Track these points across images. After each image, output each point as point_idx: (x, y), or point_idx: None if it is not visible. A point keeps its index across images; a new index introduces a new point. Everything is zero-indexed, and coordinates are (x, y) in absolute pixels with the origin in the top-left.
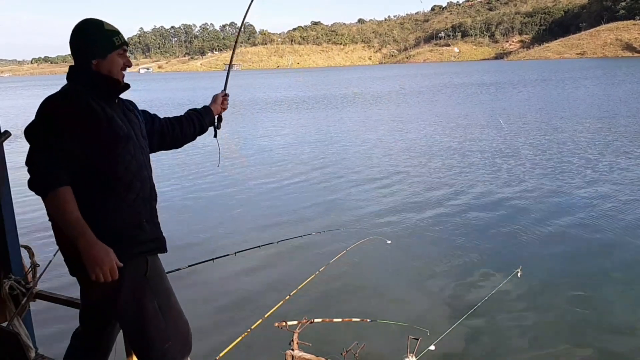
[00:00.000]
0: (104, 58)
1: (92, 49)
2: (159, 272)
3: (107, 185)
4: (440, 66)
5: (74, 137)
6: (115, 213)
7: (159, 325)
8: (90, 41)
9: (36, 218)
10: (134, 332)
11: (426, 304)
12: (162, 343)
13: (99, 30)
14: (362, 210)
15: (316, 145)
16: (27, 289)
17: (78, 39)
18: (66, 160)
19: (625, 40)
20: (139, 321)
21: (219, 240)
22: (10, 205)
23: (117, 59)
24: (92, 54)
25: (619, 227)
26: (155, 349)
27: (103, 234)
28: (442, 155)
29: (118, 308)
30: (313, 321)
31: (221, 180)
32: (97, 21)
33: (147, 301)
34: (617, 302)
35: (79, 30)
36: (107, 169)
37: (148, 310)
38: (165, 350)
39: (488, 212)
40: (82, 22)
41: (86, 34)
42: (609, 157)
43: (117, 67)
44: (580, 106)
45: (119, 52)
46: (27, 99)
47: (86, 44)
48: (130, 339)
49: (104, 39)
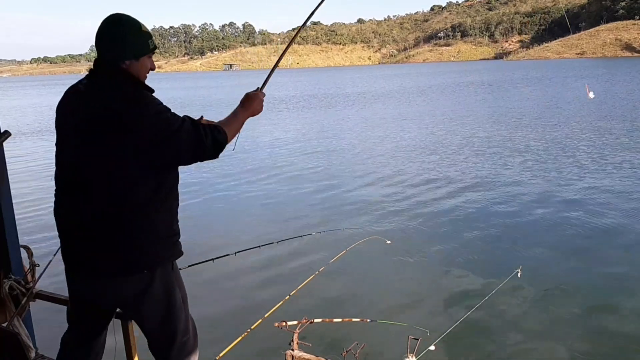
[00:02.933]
0: (137, 60)
1: (128, 49)
2: (177, 266)
3: (172, 184)
4: (439, 66)
5: None
6: (172, 213)
7: (182, 317)
8: (128, 41)
9: (36, 218)
10: (159, 326)
11: (426, 304)
12: (182, 335)
13: (138, 31)
14: (362, 210)
15: (316, 144)
16: (27, 289)
17: (114, 36)
18: None
19: (625, 40)
20: (168, 314)
21: (219, 240)
22: (10, 205)
23: (147, 62)
24: (127, 55)
25: (619, 227)
26: (177, 342)
27: (158, 231)
28: (443, 155)
29: (147, 303)
30: (313, 321)
31: (221, 180)
32: (135, 21)
33: (176, 293)
34: (617, 302)
35: (117, 27)
36: (172, 167)
37: (177, 301)
38: (183, 343)
39: (488, 212)
40: (120, 18)
41: (125, 33)
42: (610, 157)
43: (146, 70)
44: (580, 105)
45: (149, 55)
46: (26, 99)
47: (123, 43)
48: (153, 335)
49: (141, 41)
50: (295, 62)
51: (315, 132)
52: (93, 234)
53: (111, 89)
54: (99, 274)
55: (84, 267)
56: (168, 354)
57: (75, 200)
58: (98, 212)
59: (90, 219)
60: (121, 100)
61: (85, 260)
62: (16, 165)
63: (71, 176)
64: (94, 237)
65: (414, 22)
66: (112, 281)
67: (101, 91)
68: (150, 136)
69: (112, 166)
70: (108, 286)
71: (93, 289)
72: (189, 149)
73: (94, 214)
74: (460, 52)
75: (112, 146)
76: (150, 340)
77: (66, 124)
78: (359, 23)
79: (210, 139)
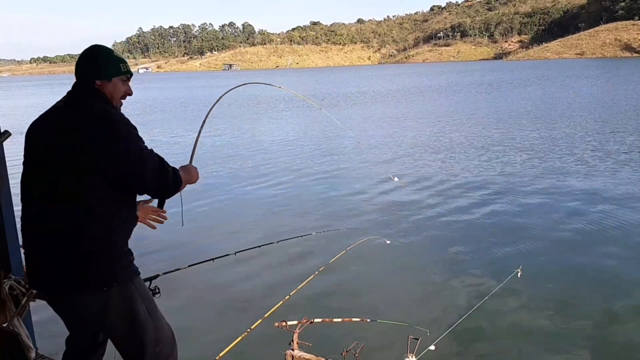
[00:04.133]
0: (109, 81)
1: (98, 70)
2: (140, 278)
3: (128, 201)
4: (439, 66)
5: None
6: (128, 227)
7: (150, 329)
8: (100, 62)
9: None
10: (126, 339)
11: (426, 304)
12: (154, 346)
13: (106, 55)
14: (362, 210)
15: (316, 144)
16: (27, 289)
17: (87, 59)
18: None
19: (624, 40)
20: (132, 327)
21: (219, 240)
22: (10, 205)
23: (120, 85)
24: (98, 75)
25: (620, 227)
26: (148, 353)
27: (115, 245)
28: (442, 154)
29: (109, 319)
30: (313, 321)
31: (221, 180)
32: (107, 48)
33: (138, 305)
34: (617, 302)
35: (87, 54)
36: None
37: (140, 315)
38: (156, 353)
39: (488, 212)
40: (91, 47)
41: (96, 55)
42: (612, 158)
43: (119, 93)
44: (578, 105)
45: (122, 78)
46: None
47: (95, 63)
48: (122, 347)
49: (112, 63)
50: (294, 62)
51: (315, 132)
52: (53, 251)
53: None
54: (58, 290)
55: (44, 283)
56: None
57: (37, 217)
58: (58, 230)
59: (50, 236)
60: (91, 119)
61: (45, 277)
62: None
63: (34, 193)
64: (54, 254)
65: (413, 22)
66: (71, 297)
67: (73, 105)
68: (116, 160)
69: (77, 186)
70: (68, 302)
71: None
72: (153, 171)
73: (54, 231)
74: (460, 52)
75: (79, 166)
76: (121, 352)
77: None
78: (359, 23)
79: (172, 174)
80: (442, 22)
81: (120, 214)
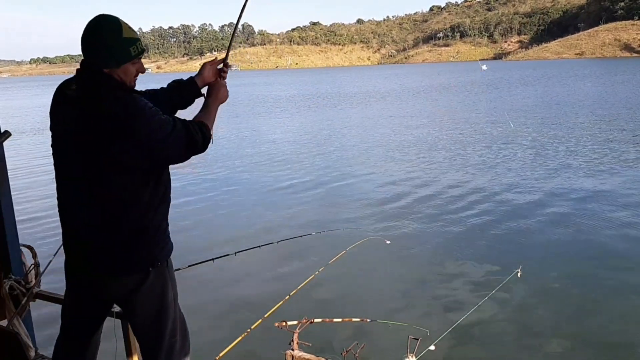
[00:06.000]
0: (118, 67)
1: (106, 57)
2: (171, 261)
3: (167, 185)
4: (439, 66)
5: None
6: (165, 213)
7: (171, 317)
8: (108, 49)
9: (36, 218)
10: (149, 322)
11: (426, 304)
12: (171, 337)
13: (116, 38)
14: (362, 210)
15: (316, 144)
16: (27, 289)
17: (92, 42)
18: None
19: (624, 40)
20: (159, 310)
21: (219, 240)
22: (10, 205)
23: (131, 68)
24: (105, 63)
25: (620, 227)
26: (164, 342)
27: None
28: (442, 155)
29: (140, 298)
30: (313, 321)
31: (221, 180)
32: (115, 25)
33: (169, 290)
34: (617, 302)
35: (94, 33)
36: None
37: (168, 300)
38: (171, 345)
39: (488, 212)
40: (99, 22)
41: (102, 40)
42: (614, 157)
43: (130, 76)
44: (580, 104)
45: (134, 61)
46: (26, 99)
47: (103, 50)
48: (141, 332)
49: (120, 49)
50: (294, 63)
51: (316, 132)
52: (94, 235)
53: (102, 94)
54: (99, 272)
55: (85, 265)
56: (156, 354)
57: (77, 203)
58: (98, 214)
59: (91, 220)
60: (115, 105)
61: (87, 260)
62: (16, 165)
63: (73, 181)
64: (95, 239)
65: (413, 22)
66: (110, 279)
67: (92, 98)
68: (147, 139)
69: (112, 170)
70: (106, 283)
71: (91, 284)
72: (183, 148)
73: (94, 216)
74: (460, 52)
75: (112, 152)
76: (139, 337)
77: (64, 132)
78: (358, 23)
79: (200, 136)
80: (441, 23)
81: (153, 201)
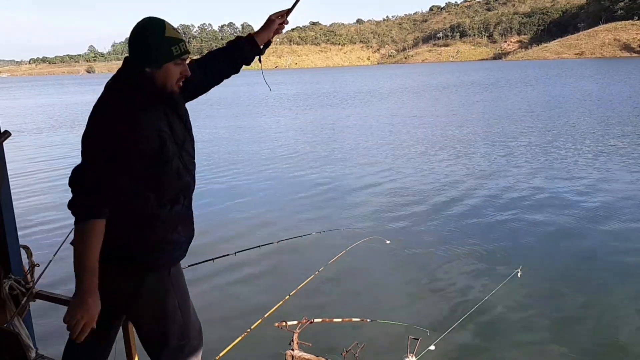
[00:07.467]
0: (159, 68)
1: (147, 56)
2: (179, 270)
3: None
4: (438, 66)
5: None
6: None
7: (177, 322)
8: (146, 47)
9: (36, 218)
10: (150, 327)
11: (426, 304)
12: (179, 339)
13: (157, 36)
14: (362, 210)
15: (317, 144)
16: (27, 289)
17: (135, 42)
18: (117, 195)
19: (624, 40)
20: (159, 316)
21: (219, 240)
22: (10, 205)
23: (174, 69)
24: (147, 62)
25: (620, 227)
26: (173, 345)
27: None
28: (443, 155)
29: (140, 302)
30: (313, 321)
31: (221, 179)
32: (158, 25)
33: (169, 297)
34: (617, 302)
35: (137, 32)
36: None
37: (169, 306)
38: (182, 346)
39: (488, 212)
40: (144, 22)
41: (143, 38)
42: (613, 157)
43: (173, 78)
44: (577, 104)
45: (176, 61)
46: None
47: (141, 49)
48: (144, 334)
49: (160, 48)
50: (294, 63)
51: (316, 132)
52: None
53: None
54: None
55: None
56: (159, 355)
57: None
58: None
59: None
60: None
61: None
62: (16, 165)
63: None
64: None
65: (412, 22)
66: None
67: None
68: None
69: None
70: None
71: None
72: (72, 181)
73: None
74: (459, 52)
75: None
76: (142, 340)
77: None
78: (358, 23)
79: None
80: (441, 23)
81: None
